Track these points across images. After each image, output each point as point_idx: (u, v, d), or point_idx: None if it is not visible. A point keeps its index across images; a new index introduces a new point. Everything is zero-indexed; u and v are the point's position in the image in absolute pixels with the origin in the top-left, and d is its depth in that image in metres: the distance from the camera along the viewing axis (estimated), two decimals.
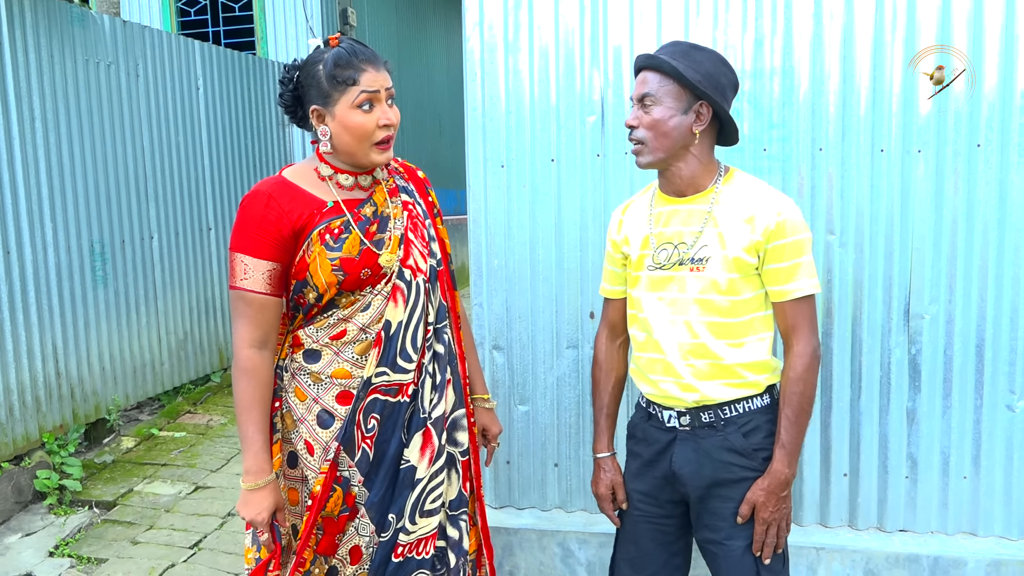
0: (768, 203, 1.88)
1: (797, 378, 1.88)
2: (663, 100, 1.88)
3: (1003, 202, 2.56)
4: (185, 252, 5.31)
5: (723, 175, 1.97)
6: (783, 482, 1.89)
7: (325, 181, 1.92)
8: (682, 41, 1.97)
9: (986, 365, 2.64)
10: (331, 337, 1.91)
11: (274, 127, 6.36)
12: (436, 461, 1.98)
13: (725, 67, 1.92)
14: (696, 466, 1.96)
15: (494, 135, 2.78)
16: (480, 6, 2.75)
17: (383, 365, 1.91)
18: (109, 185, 4.62)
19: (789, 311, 1.90)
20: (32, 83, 4.07)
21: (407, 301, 1.92)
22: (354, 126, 1.84)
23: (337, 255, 1.85)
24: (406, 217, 1.97)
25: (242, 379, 1.87)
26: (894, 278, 2.64)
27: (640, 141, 1.92)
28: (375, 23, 8.01)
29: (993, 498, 2.69)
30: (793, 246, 1.86)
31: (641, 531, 2.10)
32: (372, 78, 1.84)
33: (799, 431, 1.89)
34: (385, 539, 1.94)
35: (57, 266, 4.22)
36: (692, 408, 1.95)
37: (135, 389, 4.85)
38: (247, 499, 1.87)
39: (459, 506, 2.08)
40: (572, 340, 2.83)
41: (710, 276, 1.90)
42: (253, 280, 1.84)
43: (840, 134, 2.61)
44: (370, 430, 1.92)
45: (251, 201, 1.86)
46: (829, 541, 2.72)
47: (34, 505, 3.88)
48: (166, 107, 5.11)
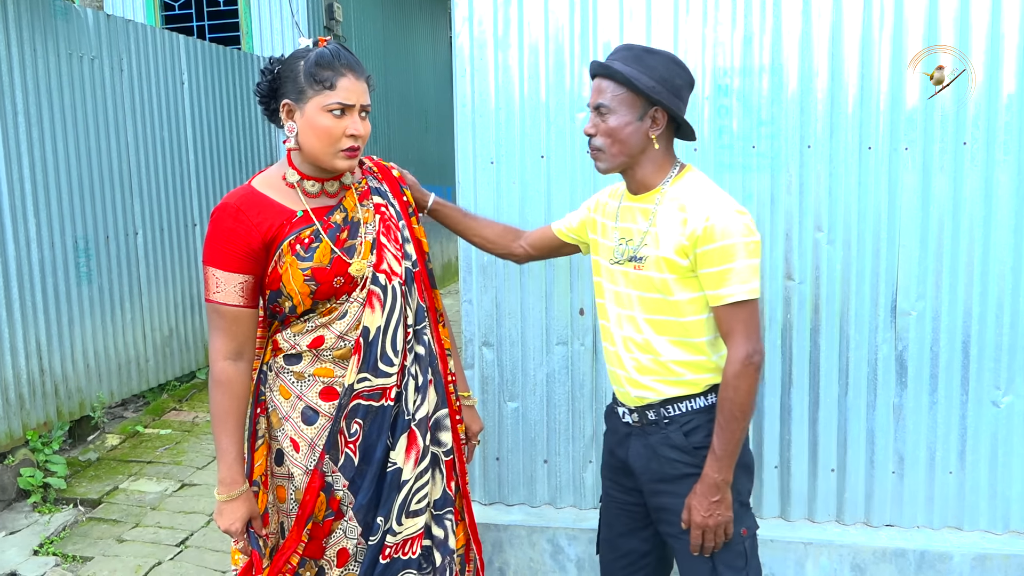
0: (700, 207, 1.86)
1: (726, 384, 1.87)
2: (618, 109, 1.90)
3: (989, 199, 2.59)
4: (170, 248, 5.27)
5: (674, 175, 1.96)
6: (712, 486, 1.87)
7: (293, 188, 1.90)
8: (635, 45, 1.96)
9: (972, 361, 2.66)
10: (308, 345, 1.91)
11: (259, 122, 6.32)
12: (421, 462, 1.98)
13: (679, 68, 1.92)
14: (645, 460, 2.01)
15: (484, 131, 2.78)
16: (470, 2, 2.74)
17: (364, 371, 1.90)
18: (93, 180, 4.57)
19: (722, 316, 1.87)
20: (15, 77, 4.02)
21: (384, 306, 1.91)
22: (321, 129, 1.82)
23: (308, 264, 1.85)
24: (378, 221, 1.95)
25: (216, 391, 1.89)
26: (881, 275, 2.66)
27: (598, 148, 1.94)
28: (361, 18, 7.97)
29: (978, 493, 2.72)
30: (722, 251, 1.83)
31: (613, 514, 2.18)
32: (350, 86, 1.83)
33: (730, 437, 1.86)
34: (374, 542, 1.94)
35: (40, 262, 4.17)
36: (639, 406, 2.00)
37: (120, 386, 4.81)
38: (221, 509, 1.89)
39: (444, 505, 2.07)
40: (562, 337, 2.84)
41: (647, 275, 1.93)
42: (226, 293, 1.85)
43: (828, 131, 2.62)
44: (353, 435, 1.91)
45: (220, 215, 1.85)
46: (816, 536, 2.74)
47: (18, 503, 3.84)
48: (150, 102, 5.06)
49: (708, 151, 2.67)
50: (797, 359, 2.73)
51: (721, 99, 2.65)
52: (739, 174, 2.67)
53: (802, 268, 2.69)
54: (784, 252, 2.69)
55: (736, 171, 2.67)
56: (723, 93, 2.65)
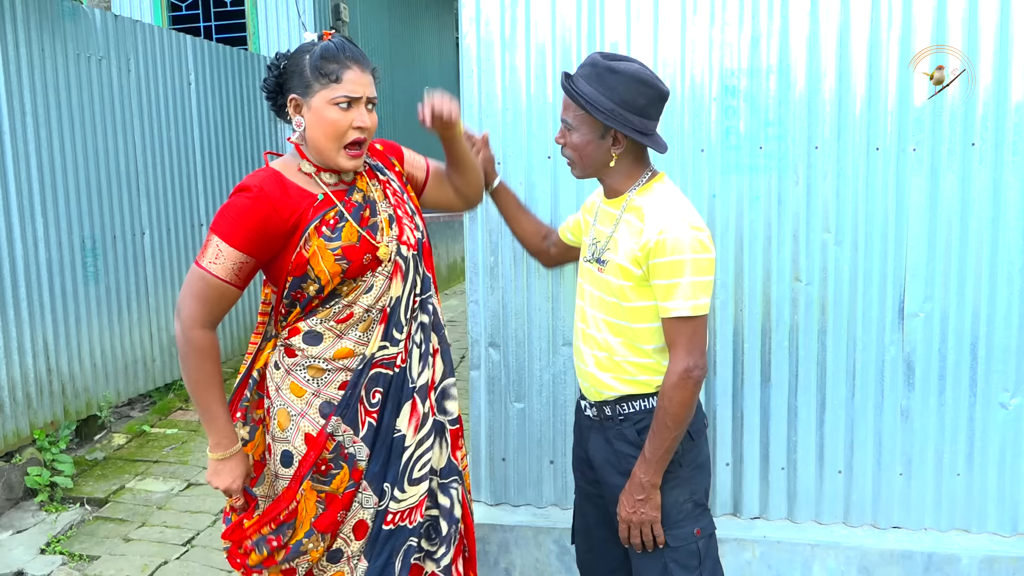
0: (658, 219, 1.87)
1: (663, 393, 1.89)
2: (579, 128, 1.94)
3: (997, 200, 2.58)
4: (177, 248, 5.28)
5: (643, 183, 1.97)
6: (638, 485, 1.92)
7: (310, 177, 1.92)
8: (600, 60, 1.92)
9: (980, 363, 2.65)
10: (336, 321, 1.92)
11: (266, 122, 6.33)
12: (421, 428, 2.00)
13: (643, 86, 1.89)
14: (603, 454, 2.05)
15: (490, 132, 2.76)
16: (477, 2, 2.74)
17: (384, 339, 1.94)
18: (100, 180, 4.58)
19: (666, 328, 1.90)
20: (23, 78, 4.03)
21: (404, 276, 1.96)
22: (328, 121, 1.83)
23: (338, 244, 1.86)
24: (391, 195, 2.00)
25: (195, 357, 1.88)
26: (889, 276, 2.65)
27: (569, 158, 2.01)
28: (367, 19, 7.99)
29: (986, 495, 2.71)
30: (672, 265, 1.84)
31: (584, 506, 2.23)
32: (356, 79, 1.83)
33: (659, 444, 1.88)
34: (381, 508, 1.96)
35: (48, 262, 4.19)
36: (598, 401, 2.04)
37: (127, 385, 4.82)
38: (219, 469, 1.93)
39: (449, 474, 2.09)
40: (568, 337, 2.83)
41: (606, 278, 1.97)
42: (222, 267, 1.83)
43: (836, 132, 2.62)
44: (374, 404, 1.94)
45: (253, 196, 1.84)
46: (824, 538, 2.73)
47: (25, 502, 3.85)
48: (158, 102, 5.08)
49: (715, 152, 2.67)
50: (804, 360, 2.72)
51: (728, 100, 2.65)
52: (746, 175, 2.66)
53: (809, 269, 2.68)
54: (791, 253, 2.68)
55: (743, 172, 2.66)
56: (730, 94, 2.65)
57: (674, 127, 2.67)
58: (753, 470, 2.81)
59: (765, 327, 2.73)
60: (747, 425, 2.79)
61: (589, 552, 2.24)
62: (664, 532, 1.96)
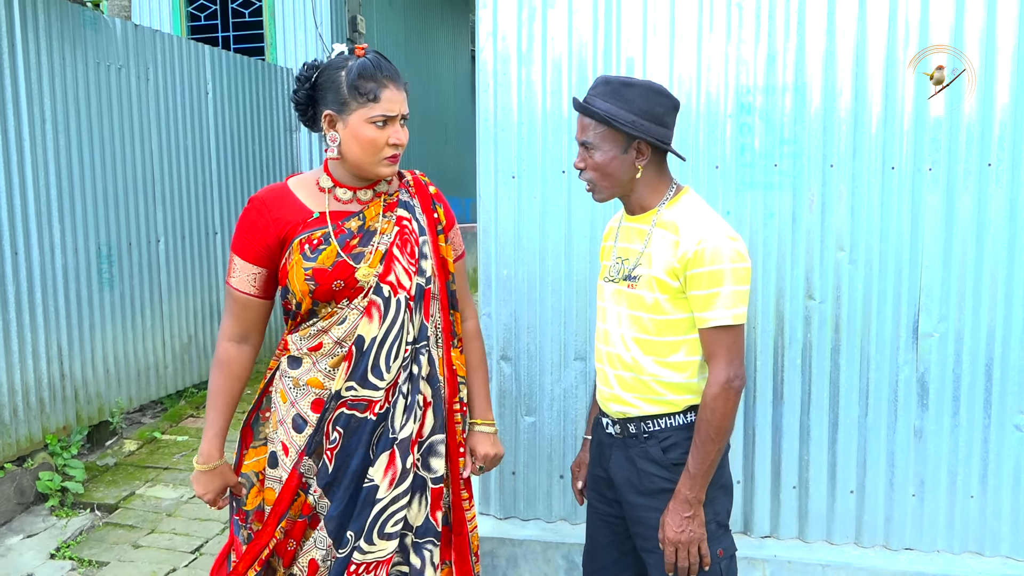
0: (693, 231, 1.89)
1: (705, 405, 1.89)
2: (601, 145, 1.93)
3: (1014, 221, 2.57)
4: (191, 255, 5.32)
5: (671, 196, 1.98)
6: (685, 503, 1.89)
7: (324, 193, 1.94)
8: (613, 78, 1.96)
9: (994, 384, 2.63)
10: (309, 348, 1.94)
11: (282, 133, 6.38)
12: (400, 484, 1.93)
13: (659, 96, 1.93)
14: (625, 472, 2.03)
15: (506, 146, 2.79)
16: (494, 17, 2.75)
17: (352, 380, 1.90)
18: (117, 188, 4.62)
19: (705, 339, 1.90)
20: (43, 85, 4.08)
21: (383, 317, 1.90)
22: (366, 140, 1.86)
23: (311, 265, 1.88)
24: (395, 233, 1.95)
25: (214, 369, 2.01)
26: (903, 296, 2.64)
27: (590, 181, 1.99)
28: (383, 31, 8.04)
29: (1000, 518, 2.68)
30: (711, 275, 1.85)
31: (595, 526, 2.19)
32: (392, 97, 1.86)
33: (704, 457, 1.88)
34: (343, 555, 1.91)
35: (64, 268, 4.22)
36: (621, 419, 2.03)
37: (138, 392, 4.84)
38: (197, 478, 2.01)
39: (425, 534, 2.00)
40: (580, 352, 2.83)
41: (639, 294, 1.95)
42: (239, 280, 1.95)
43: (851, 151, 2.61)
44: (332, 442, 1.92)
45: (249, 206, 1.95)
46: (835, 558, 2.71)
47: (36, 507, 3.87)
48: (175, 111, 5.12)
49: (730, 169, 2.67)
50: (817, 379, 2.71)
51: (744, 117, 2.65)
52: (760, 192, 2.66)
53: (823, 287, 2.67)
54: (805, 271, 2.68)
55: (758, 189, 2.66)
56: (746, 111, 2.65)
57: (689, 143, 2.67)
58: (764, 488, 2.79)
59: (778, 345, 2.72)
60: (759, 443, 2.77)
61: (598, 574, 2.21)
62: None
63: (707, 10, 2.64)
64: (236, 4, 7.00)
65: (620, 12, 2.69)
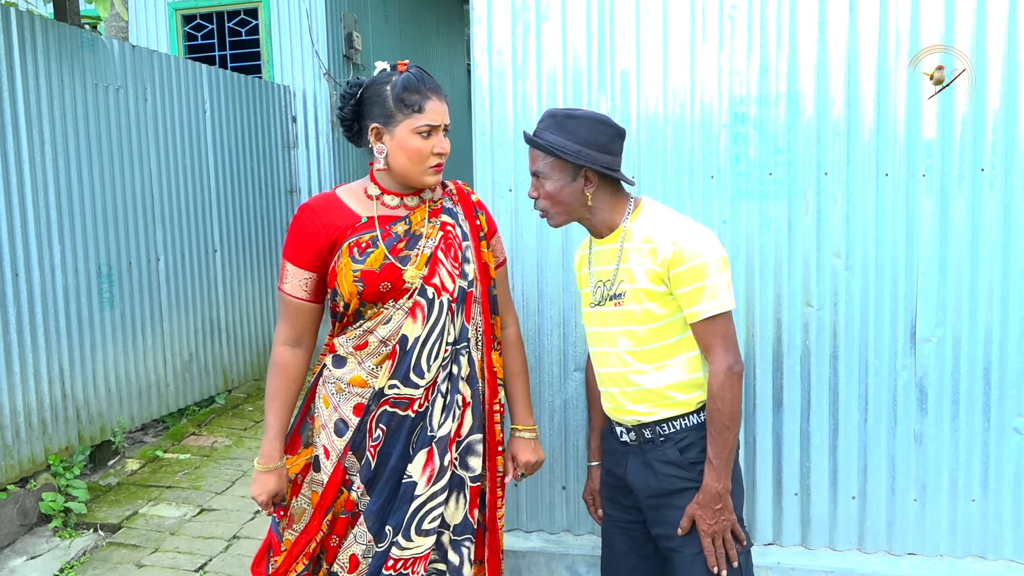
0: (666, 234, 1.97)
1: (713, 396, 1.97)
2: (550, 175, 2.02)
3: (1007, 225, 2.58)
4: (191, 274, 5.33)
5: (631, 211, 2.06)
6: (715, 495, 1.97)
7: (371, 200, 2.03)
8: (558, 111, 2.05)
9: (993, 388, 2.64)
10: (355, 347, 2.01)
11: (280, 150, 6.41)
12: (437, 481, 2.00)
13: (603, 125, 2.02)
14: (644, 477, 2.08)
15: (502, 159, 2.81)
16: (488, 32, 2.78)
17: (395, 378, 1.98)
18: (117, 208, 4.64)
19: (699, 331, 1.98)
20: (42, 107, 4.10)
21: (426, 318, 1.98)
22: (412, 150, 1.94)
23: (360, 267, 1.95)
24: (439, 238, 2.04)
25: (270, 371, 2.08)
26: (900, 301, 2.66)
27: (544, 209, 2.07)
28: (379, 48, 8.08)
29: (1002, 521, 2.69)
30: (693, 271, 1.94)
31: (612, 535, 2.24)
32: (436, 108, 1.95)
33: (723, 446, 1.96)
34: (381, 549, 1.99)
35: (64, 288, 4.23)
36: (635, 425, 2.08)
37: (140, 411, 4.85)
38: (256, 478, 2.07)
39: (463, 531, 2.08)
40: (579, 363, 2.84)
41: (627, 309, 2.02)
42: (291, 285, 2.04)
43: (845, 158, 2.64)
44: (375, 439, 1.99)
45: (299, 214, 2.03)
46: (838, 564, 2.71)
47: (39, 528, 3.87)
48: (173, 130, 5.15)
49: (725, 178, 2.69)
50: (816, 386, 2.72)
51: (737, 127, 2.67)
52: (756, 201, 2.68)
53: (820, 294, 2.69)
54: (802, 278, 2.69)
55: (753, 198, 2.68)
56: (739, 121, 2.67)
57: (684, 154, 2.69)
58: (766, 496, 2.80)
59: (777, 352, 2.73)
60: (760, 450, 2.78)
61: None
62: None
63: (699, 21, 2.67)
64: (233, 23, 7.05)
65: (613, 25, 2.71)
